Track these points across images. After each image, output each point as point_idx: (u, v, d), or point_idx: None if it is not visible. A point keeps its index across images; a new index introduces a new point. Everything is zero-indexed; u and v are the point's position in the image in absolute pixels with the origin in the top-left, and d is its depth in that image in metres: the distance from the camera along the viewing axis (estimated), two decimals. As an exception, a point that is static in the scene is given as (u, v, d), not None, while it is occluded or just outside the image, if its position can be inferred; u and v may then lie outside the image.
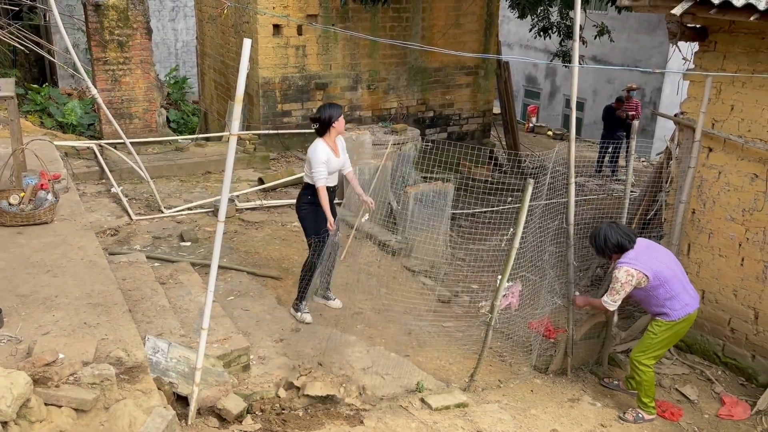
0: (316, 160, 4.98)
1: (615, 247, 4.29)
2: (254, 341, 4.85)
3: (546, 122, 20.18)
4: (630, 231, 4.36)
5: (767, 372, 5.11)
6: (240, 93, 3.11)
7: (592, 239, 4.42)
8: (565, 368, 5.08)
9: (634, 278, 4.20)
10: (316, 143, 5.08)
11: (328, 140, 5.09)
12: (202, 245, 6.53)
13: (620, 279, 4.21)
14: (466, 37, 11.10)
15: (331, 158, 5.05)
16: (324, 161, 4.98)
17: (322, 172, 4.96)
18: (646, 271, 4.20)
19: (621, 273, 4.21)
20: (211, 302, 3.37)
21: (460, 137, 11.67)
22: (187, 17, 18.62)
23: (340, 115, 5.12)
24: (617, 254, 4.33)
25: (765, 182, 4.87)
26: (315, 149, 5.03)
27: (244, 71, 3.08)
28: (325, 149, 5.03)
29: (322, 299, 5.75)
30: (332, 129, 5.08)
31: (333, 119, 5.06)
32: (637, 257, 4.24)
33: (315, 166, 4.98)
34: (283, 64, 9.67)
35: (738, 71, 4.92)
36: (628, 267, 4.21)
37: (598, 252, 4.47)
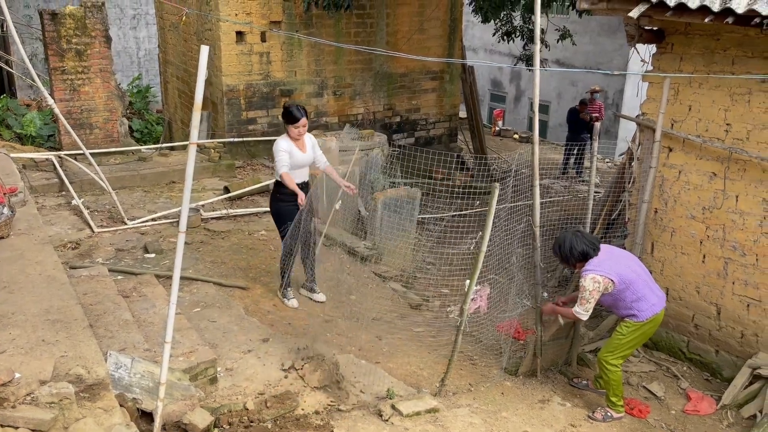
0: (276, 149, 5.20)
1: (580, 255, 4.32)
2: (222, 353, 4.76)
3: (512, 125, 20.39)
4: (594, 238, 4.39)
5: (731, 366, 5.21)
6: (198, 101, 3.05)
7: (557, 248, 4.43)
8: (535, 370, 5.11)
9: (600, 284, 4.24)
10: (279, 139, 5.31)
11: (289, 136, 5.29)
12: (167, 256, 6.41)
13: (587, 287, 4.24)
14: (430, 42, 11.15)
15: (293, 151, 5.24)
16: (284, 149, 5.17)
17: (283, 159, 5.14)
18: (611, 275, 4.24)
19: (587, 281, 4.24)
20: (173, 314, 3.29)
21: (428, 142, 11.71)
22: (149, 25, 18.36)
23: (292, 123, 5.23)
24: (581, 262, 4.36)
25: (723, 180, 4.97)
26: (276, 142, 5.25)
27: (202, 78, 3.03)
28: (286, 141, 5.24)
29: (307, 292, 5.93)
30: (287, 128, 5.27)
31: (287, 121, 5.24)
32: (601, 263, 4.27)
33: (276, 155, 5.19)
34: (247, 72, 9.59)
35: (694, 72, 5.02)
36: (593, 274, 4.24)
37: (562, 260, 4.49)
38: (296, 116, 5.23)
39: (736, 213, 4.96)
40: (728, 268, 5.08)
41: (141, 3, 18.05)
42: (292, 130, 5.27)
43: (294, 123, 5.23)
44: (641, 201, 5.35)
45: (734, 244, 5.01)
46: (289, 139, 5.29)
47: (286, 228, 5.38)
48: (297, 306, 5.67)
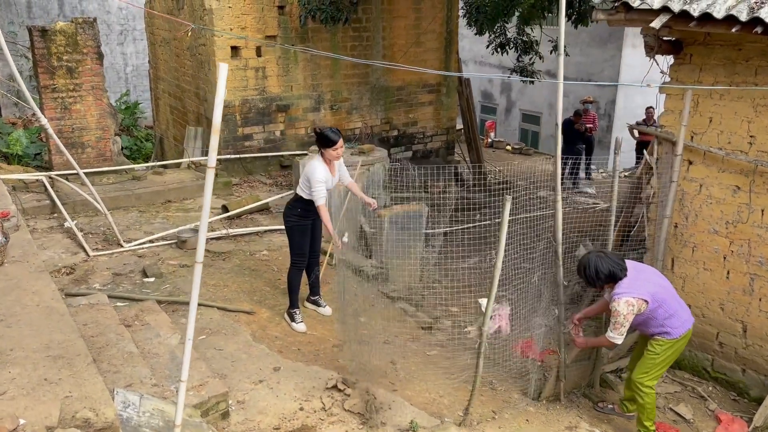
0: (315, 180, 5.03)
1: (607, 277, 4.14)
2: (232, 384, 4.52)
3: (504, 137, 20.32)
4: (619, 258, 4.20)
5: (759, 386, 5.04)
6: (217, 122, 2.83)
7: (581, 271, 4.23)
8: (558, 393, 4.91)
9: (635, 307, 4.06)
10: (315, 162, 5.16)
11: (325, 160, 5.16)
12: (167, 280, 6.15)
13: (622, 312, 4.05)
14: (427, 55, 11.01)
15: (328, 177, 5.16)
16: (323, 180, 5.06)
17: (321, 191, 5.05)
18: (645, 296, 4.06)
19: (621, 305, 4.05)
20: (189, 353, 3.06)
21: (425, 155, 11.54)
22: (137, 41, 18.13)
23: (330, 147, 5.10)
24: (609, 284, 4.18)
25: (748, 194, 4.83)
26: (315, 169, 5.07)
27: (221, 99, 2.81)
28: (324, 169, 5.11)
29: (313, 305, 5.83)
30: (324, 152, 5.13)
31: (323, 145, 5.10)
32: (632, 284, 4.09)
33: (315, 185, 5.04)
34: (242, 87, 9.37)
35: (715, 83, 4.89)
36: (627, 297, 4.05)
37: (589, 284, 4.29)
38: (334, 139, 5.09)
39: (762, 227, 4.81)
40: (755, 284, 4.93)
41: (128, 18, 17.82)
42: (330, 153, 5.11)
43: (332, 146, 5.07)
44: (662, 216, 5.19)
45: (761, 259, 4.86)
46: (324, 164, 5.14)
47: (299, 245, 5.36)
48: (305, 330, 5.50)
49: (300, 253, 5.42)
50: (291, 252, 5.48)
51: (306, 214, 5.27)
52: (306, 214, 5.27)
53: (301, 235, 5.36)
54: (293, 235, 5.39)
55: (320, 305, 5.86)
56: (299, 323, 5.51)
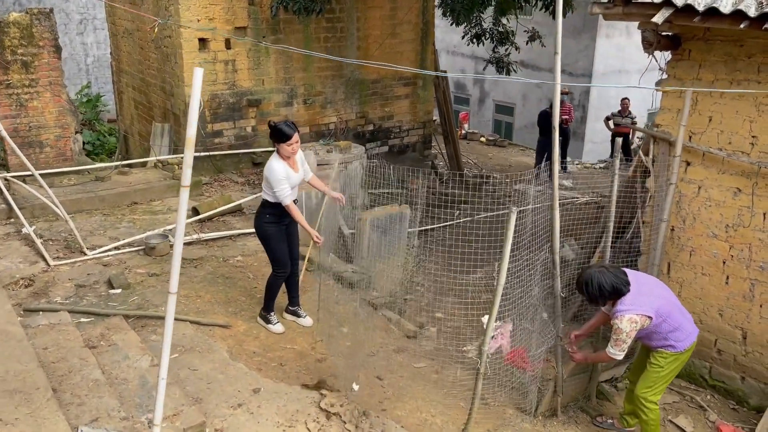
0: (275, 179, 4.76)
1: (611, 294, 3.89)
2: (208, 410, 4.16)
3: (477, 128, 20.12)
4: (620, 271, 3.95)
5: (759, 394, 4.88)
6: (191, 134, 2.48)
7: (583, 288, 3.96)
8: (555, 408, 4.67)
9: (638, 324, 3.83)
10: (272, 161, 4.83)
11: (281, 157, 4.86)
12: (135, 292, 5.74)
13: (624, 329, 3.81)
14: (402, 46, 10.67)
15: (290, 173, 4.87)
16: (284, 177, 4.78)
17: (285, 189, 4.79)
18: (649, 312, 3.83)
19: (624, 323, 3.81)
20: (162, 395, 2.71)
21: (402, 150, 11.23)
22: (98, 30, 17.38)
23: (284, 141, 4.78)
24: (613, 299, 3.93)
25: (750, 197, 4.63)
26: (273, 169, 4.81)
27: (196, 107, 2.45)
28: (282, 165, 4.83)
29: (292, 316, 5.52)
30: (280, 147, 4.81)
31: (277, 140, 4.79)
32: (635, 299, 3.85)
33: (276, 185, 4.76)
34: (211, 81, 8.91)
35: (715, 81, 4.67)
36: (630, 314, 3.81)
37: (591, 301, 4.03)
38: (288, 133, 4.77)
39: (764, 231, 4.62)
40: (755, 290, 4.75)
41: (88, 7, 17.06)
42: (285, 149, 4.82)
43: (287, 140, 4.76)
44: (659, 220, 4.97)
45: (762, 264, 4.68)
46: (282, 161, 4.85)
47: (278, 253, 5.07)
48: (282, 331, 5.26)
49: (281, 262, 5.11)
50: (272, 263, 5.16)
51: (278, 219, 4.98)
52: (278, 219, 4.98)
53: (278, 243, 5.06)
54: (269, 244, 5.08)
55: (300, 315, 5.53)
56: (276, 324, 5.28)
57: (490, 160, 15.98)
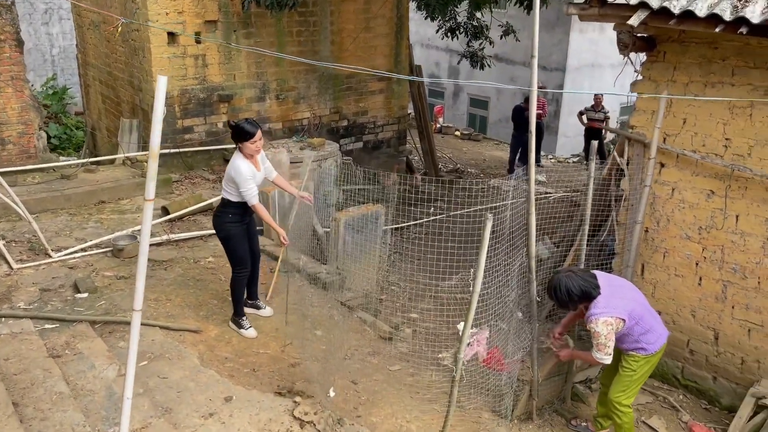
0: (242, 179, 4.67)
1: (580, 298, 3.87)
2: (178, 420, 4.05)
3: (452, 122, 20.10)
4: (590, 274, 3.92)
5: (730, 394, 4.93)
6: (155, 145, 2.37)
7: (552, 293, 3.95)
8: (530, 412, 4.66)
9: (613, 326, 3.82)
10: (237, 160, 4.73)
11: (245, 155, 4.77)
12: (102, 296, 5.58)
13: (602, 332, 3.80)
14: (377, 41, 10.56)
15: (254, 172, 4.81)
16: (250, 176, 4.71)
17: (252, 189, 4.71)
18: (622, 315, 3.83)
19: (600, 326, 3.80)
20: (128, 415, 2.60)
21: (376, 146, 11.14)
22: (63, 20, 16.92)
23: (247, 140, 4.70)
24: (584, 303, 3.91)
25: (723, 199, 4.65)
26: (238, 168, 4.69)
27: (159, 115, 2.34)
28: (247, 164, 4.75)
29: (252, 309, 5.46)
30: (243, 146, 4.73)
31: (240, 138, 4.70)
32: (608, 302, 3.83)
33: (243, 185, 4.69)
34: (181, 76, 8.71)
35: (690, 83, 4.67)
36: (605, 317, 3.80)
37: (562, 306, 4.02)
38: (251, 131, 4.69)
39: (736, 233, 4.65)
40: (727, 292, 4.78)
41: (53, -4, 16.61)
42: (248, 147, 4.72)
43: (250, 138, 4.68)
44: (634, 221, 4.97)
45: (734, 266, 4.71)
46: (246, 160, 4.75)
47: (239, 253, 4.99)
48: (255, 335, 5.17)
49: (243, 261, 5.04)
50: (231, 262, 5.07)
51: (239, 218, 4.90)
52: (239, 218, 4.90)
53: (239, 242, 4.98)
54: (230, 244, 4.98)
55: (260, 307, 5.50)
56: (249, 329, 5.18)
57: (465, 155, 15.98)
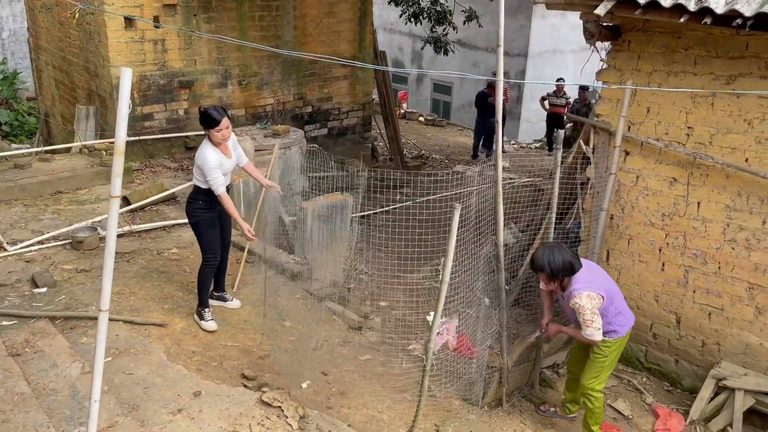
0: (207, 168, 4.59)
1: (563, 270, 3.90)
2: (146, 417, 3.97)
3: (416, 107, 20.08)
4: (572, 251, 4.01)
5: (691, 376, 5.07)
6: (121, 142, 2.28)
7: (544, 264, 3.92)
8: (500, 398, 4.71)
9: (595, 300, 3.88)
10: (204, 149, 4.65)
11: (213, 143, 4.68)
12: (62, 290, 5.42)
13: (586, 306, 3.85)
14: (341, 26, 10.43)
15: (222, 161, 4.72)
16: (216, 165, 4.62)
17: (218, 179, 4.63)
18: (601, 291, 3.91)
19: (584, 299, 3.84)
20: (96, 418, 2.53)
21: (341, 132, 11.05)
22: (13, 2, 16.27)
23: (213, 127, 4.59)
24: (565, 277, 3.95)
25: (685, 186, 4.75)
26: (205, 156, 4.61)
27: (124, 110, 2.25)
28: (214, 152, 4.66)
29: (218, 302, 5.38)
30: (210, 133, 4.63)
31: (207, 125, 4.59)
32: (589, 278, 3.91)
33: (208, 174, 4.61)
34: (139, 61, 8.46)
35: (653, 72, 4.73)
36: (587, 291, 3.85)
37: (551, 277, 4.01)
38: (216, 118, 4.58)
39: (698, 220, 4.75)
40: (689, 277, 4.90)
41: (1, -23, 15.93)
42: (215, 135, 4.63)
43: (216, 126, 4.57)
44: (599, 209, 5.04)
45: (696, 251, 4.82)
46: (213, 147, 4.67)
47: (209, 240, 4.91)
48: (215, 329, 5.07)
49: (213, 249, 4.96)
50: (202, 250, 5.00)
51: (210, 206, 4.82)
52: (210, 206, 4.82)
53: (209, 229, 4.90)
54: (201, 231, 4.92)
55: (226, 300, 5.42)
56: (209, 321, 5.08)
57: (429, 141, 15.99)
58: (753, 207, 4.49)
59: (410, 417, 4.26)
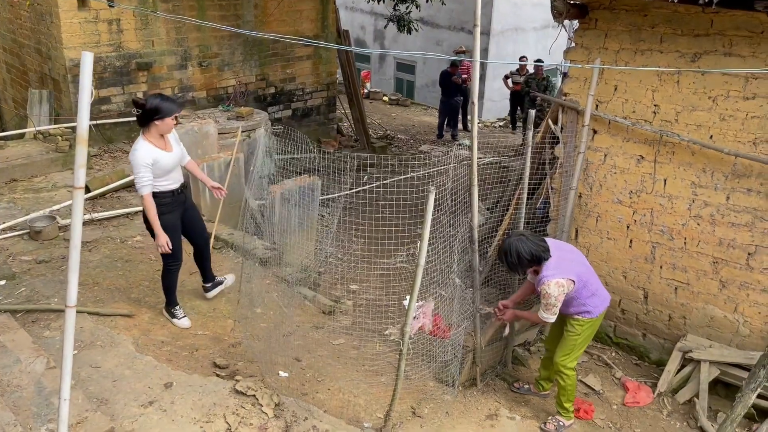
0: (136, 164, 4.18)
1: (530, 261, 3.92)
2: (116, 411, 3.87)
3: (379, 87, 19.93)
4: (540, 239, 4.00)
5: (658, 349, 5.18)
6: (83, 130, 2.16)
7: (503, 257, 3.99)
8: (474, 378, 4.74)
9: (564, 287, 3.90)
10: (137, 143, 4.25)
11: (150, 137, 4.26)
12: (22, 282, 5.23)
13: (553, 294, 3.87)
14: (302, 4, 10.22)
15: (160, 157, 4.26)
16: (147, 164, 4.18)
17: (144, 177, 4.19)
18: (572, 276, 3.92)
19: (552, 288, 3.86)
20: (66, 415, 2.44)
21: (306, 113, 10.89)
22: (-45, -20, 15.47)
23: (169, 116, 4.22)
24: (534, 267, 3.97)
25: (652, 164, 4.80)
26: (135, 151, 4.22)
27: (87, 99, 2.13)
28: (148, 148, 4.21)
29: (216, 289, 5.27)
30: (153, 126, 4.23)
31: (157, 115, 4.18)
32: (559, 265, 3.91)
33: (136, 170, 4.19)
34: (94, 43, 8.15)
35: (620, 50, 4.75)
36: (557, 279, 3.87)
37: (511, 269, 4.06)
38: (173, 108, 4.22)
39: (664, 197, 4.82)
40: (656, 253, 4.98)
41: (-59, -47, 15.10)
42: (161, 127, 4.21)
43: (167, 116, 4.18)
44: (568, 188, 5.07)
45: (663, 228, 4.90)
46: (149, 143, 4.23)
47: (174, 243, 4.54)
48: (189, 325, 4.89)
49: (171, 254, 4.52)
50: (161, 254, 4.59)
51: (166, 209, 4.40)
52: (166, 209, 4.40)
53: (170, 232, 4.46)
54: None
55: (221, 282, 5.30)
56: (182, 318, 4.88)
57: (394, 121, 15.91)
58: (717, 183, 4.57)
59: (386, 400, 4.25)
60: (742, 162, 4.41)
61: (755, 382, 3.59)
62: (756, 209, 4.43)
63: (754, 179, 4.39)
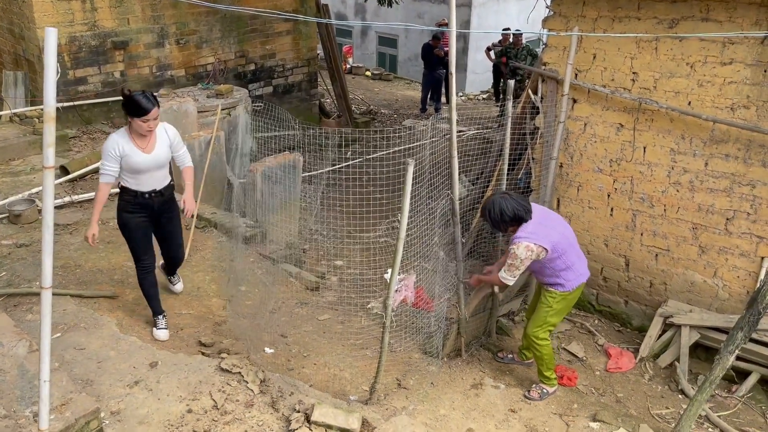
0: (103, 150, 4.01)
1: (512, 219, 3.94)
2: (101, 391, 3.88)
3: (361, 62, 19.76)
4: (525, 200, 4.00)
5: (640, 316, 5.25)
6: (50, 107, 2.12)
7: (486, 212, 4.01)
8: (459, 348, 4.79)
9: (533, 252, 3.91)
10: (113, 134, 4.06)
11: (131, 131, 4.03)
12: (2, 266, 5.19)
13: (520, 255, 3.89)
14: (280, -22, 10.07)
15: (130, 153, 4.02)
16: (113, 154, 3.98)
17: (106, 165, 3.99)
18: (546, 244, 3.92)
19: (521, 249, 3.88)
20: (47, 398, 2.43)
21: (287, 90, 10.79)
22: None
23: (136, 117, 3.92)
24: (514, 226, 3.99)
25: (632, 132, 4.81)
26: (108, 138, 4.04)
27: (52, 73, 2.09)
28: (119, 140, 4.00)
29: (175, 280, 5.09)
30: (132, 121, 3.98)
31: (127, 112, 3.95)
32: (536, 230, 3.93)
33: (102, 158, 4.00)
34: (68, 22, 7.99)
35: (598, 17, 4.73)
36: (527, 242, 3.88)
37: (493, 225, 4.08)
38: (145, 106, 3.89)
39: (644, 164, 4.85)
40: (637, 220, 5.02)
41: None
42: (139, 125, 3.95)
43: (143, 115, 3.90)
44: (549, 158, 5.08)
45: (643, 195, 4.93)
46: (127, 135, 4.03)
47: (136, 247, 4.33)
48: (166, 338, 4.51)
49: (140, 257, 4.34)
50: (133, 256, 4.39)
51: (138, 209, 4.21)
52: (138, 209, 4.21)
53: (136, 234, 4.27)
54: (126, 236, 4.33)
55: (172, 283, 5.05)
56: (160, 329, 4.52)
57: (377, 95, 15.81)
58: (696, 149, 4.60)
59: (371, 373, 4.29)
60: (720, 128, 4.43)
61: (733, 344, 3.65)
62: (734, 174, 4.47)
63: (732, 145, 4.42)
